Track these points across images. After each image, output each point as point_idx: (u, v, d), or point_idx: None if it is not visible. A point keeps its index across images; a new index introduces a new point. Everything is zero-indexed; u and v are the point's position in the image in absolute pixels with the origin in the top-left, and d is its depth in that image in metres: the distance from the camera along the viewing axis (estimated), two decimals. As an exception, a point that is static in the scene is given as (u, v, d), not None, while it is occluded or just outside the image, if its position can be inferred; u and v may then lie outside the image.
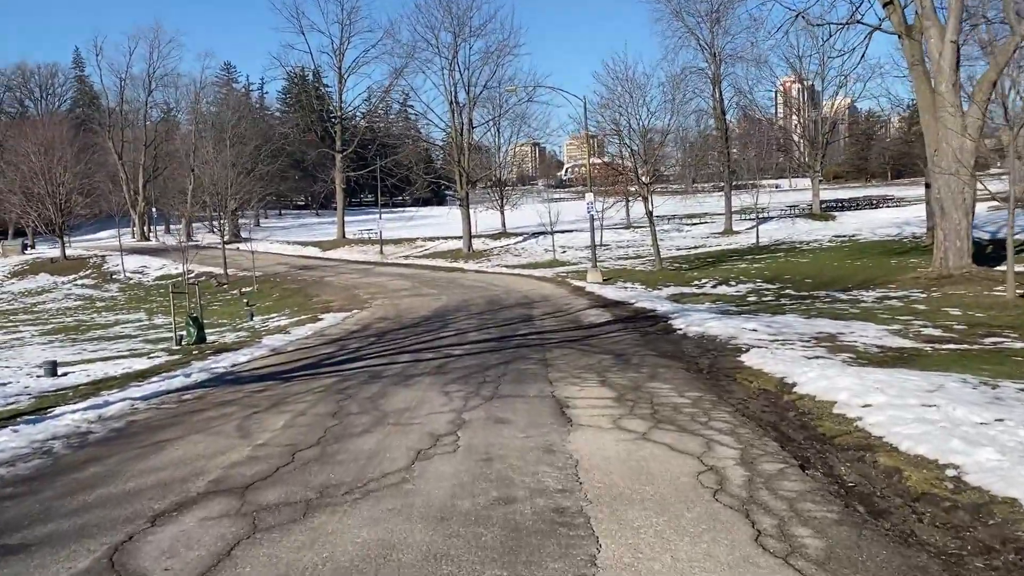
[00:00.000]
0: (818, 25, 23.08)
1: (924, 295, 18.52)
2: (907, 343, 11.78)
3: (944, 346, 11.39)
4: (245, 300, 32.48)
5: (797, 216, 53.10)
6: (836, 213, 53.26)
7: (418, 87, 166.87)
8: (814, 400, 7.76)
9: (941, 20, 20.77)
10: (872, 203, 57.53)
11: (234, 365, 12.65)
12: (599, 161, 41.41)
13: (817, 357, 10.69)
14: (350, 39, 62.83)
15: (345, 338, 15.83)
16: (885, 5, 22.08)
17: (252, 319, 25.80)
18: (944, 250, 21.24)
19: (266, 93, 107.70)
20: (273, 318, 25.37)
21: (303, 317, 22.74)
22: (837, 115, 54.01)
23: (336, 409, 8.45)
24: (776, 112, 76.29)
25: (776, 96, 78.26)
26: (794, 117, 63.83)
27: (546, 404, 8.23)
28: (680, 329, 14.31)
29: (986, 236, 31.32)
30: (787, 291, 21.51)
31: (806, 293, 20.72)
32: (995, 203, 28.40)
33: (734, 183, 51.15)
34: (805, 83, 53.00)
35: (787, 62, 53.54)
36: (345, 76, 63.15)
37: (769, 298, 20.22)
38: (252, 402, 9.12)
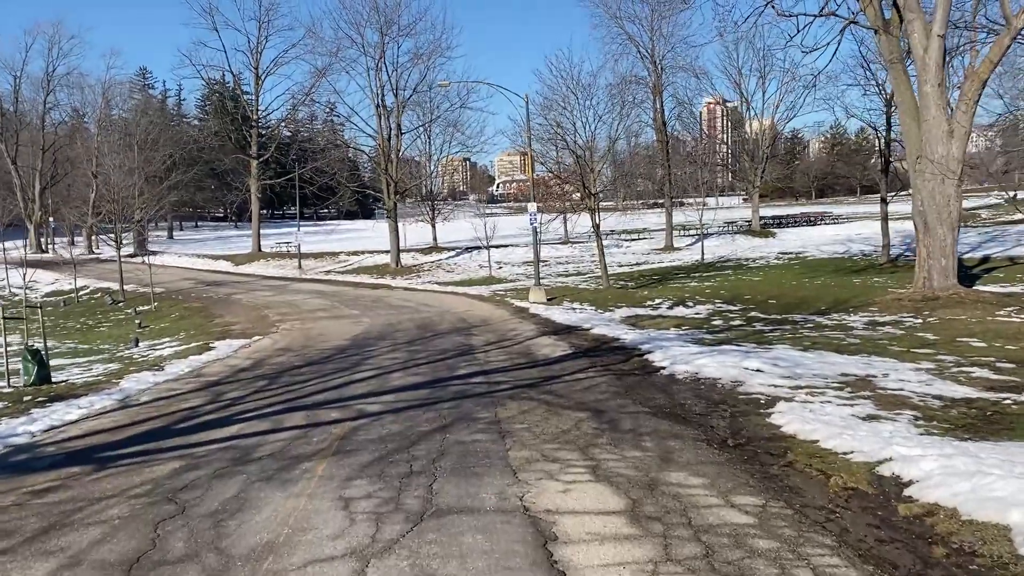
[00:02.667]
0: (788, 16, 20.68)
1: (919, 320, 16.21)
2: (969, 391, 9.00)
3: (1022, 396, 8.64)
4: (138, 321, 28.09)
5: (737, 233, 51.65)
6: (775, 230, 52.02)
7: (342, 89, 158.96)
8: (961, 520, 4.66)
9: (926, 12, 18.64)
10: (810, 220, 56.60)
11: (48, 429, 8.73)
12: (540, 174, 38.52)
13: (874, 417, 7.76)
14: (268, 37, 58.29)
15: (227, 380, 12.01)
16: (860, -4, 19.85)
17: (137, 345, 21.78)
18: (928, 269, 19.08)
19: (184, 100, 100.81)
20: (163, 343, 21.34)
21: (192, 345, 18.79)
22: (776, 130, 52.74)
23: (146, 546, 4.79)
24: (702, 130, 75.14)
25: (702, 113, 77.52)
26: (727, 133, 62.69)
27: (516, 532, 4.79)
28: (663, 367, 11.22)
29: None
30: (755, 314, 19.25)
31: (778, 316, 18.38)
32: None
33: (671, 199, 49.24)
34: (745, 97, 51.41)
35: (727, 75, 52.15)
36: (263, 77, 58.60)
37: (738, 322, 17.89)
38: (10, 524, 5.35)
